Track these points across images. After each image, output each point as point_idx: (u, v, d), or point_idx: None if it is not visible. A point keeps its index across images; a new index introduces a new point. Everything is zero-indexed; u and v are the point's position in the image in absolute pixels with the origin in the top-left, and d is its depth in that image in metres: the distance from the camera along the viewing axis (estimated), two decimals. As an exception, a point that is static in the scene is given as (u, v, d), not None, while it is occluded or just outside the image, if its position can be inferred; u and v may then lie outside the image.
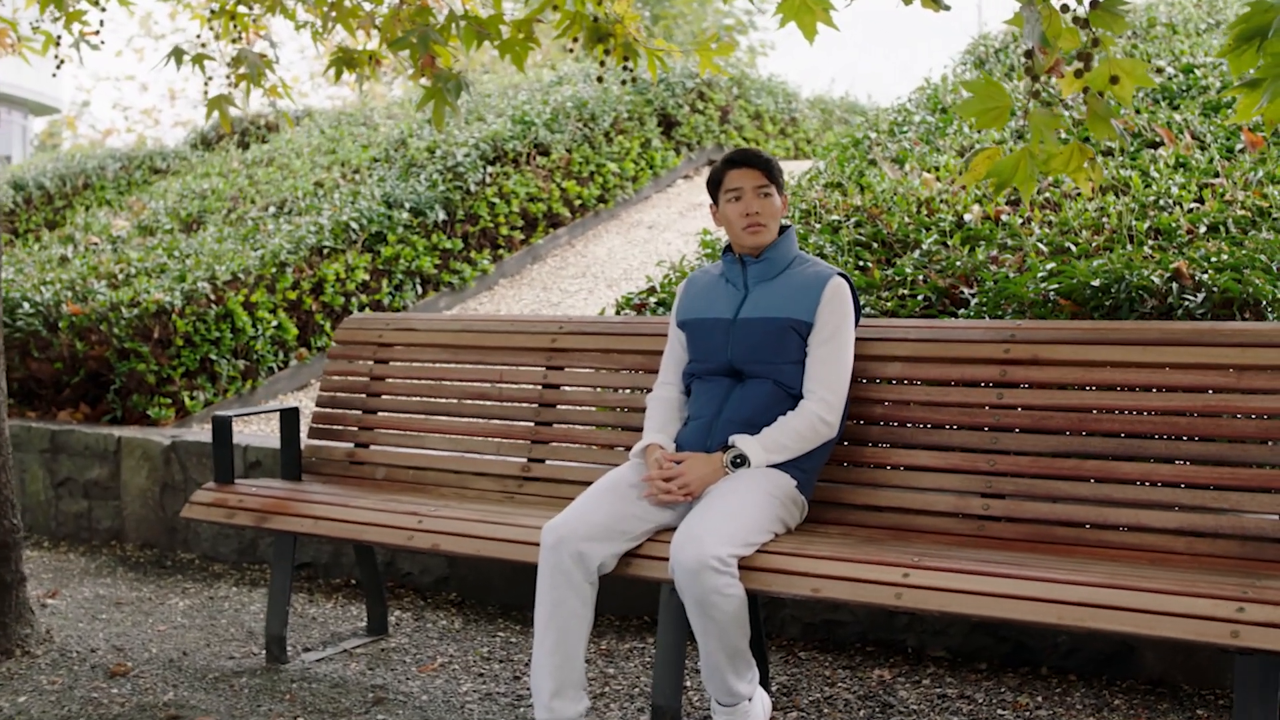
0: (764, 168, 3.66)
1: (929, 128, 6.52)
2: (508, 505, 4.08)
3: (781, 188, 3.70)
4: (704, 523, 3.27)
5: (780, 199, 3.68)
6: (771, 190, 3.65)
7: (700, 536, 3.23)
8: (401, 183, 8.58)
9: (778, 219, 3.67)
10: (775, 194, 3.66)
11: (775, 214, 3.66)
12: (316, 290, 7.69)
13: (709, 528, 3.25)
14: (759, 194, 3.63)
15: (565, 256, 9.16)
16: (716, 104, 10.61)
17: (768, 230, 3.65)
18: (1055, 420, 3.45)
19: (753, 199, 3.63)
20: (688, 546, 3.21)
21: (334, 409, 4.77)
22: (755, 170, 3.65)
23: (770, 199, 3.64)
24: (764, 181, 3.64)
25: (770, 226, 3.65)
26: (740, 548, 3.27)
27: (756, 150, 3.75)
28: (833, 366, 3.53)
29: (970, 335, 3.64)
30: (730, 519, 3.29)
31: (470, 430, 4.44)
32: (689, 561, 3.19)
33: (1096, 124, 3.75)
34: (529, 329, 4.45)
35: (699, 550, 3.19)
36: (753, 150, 3.74)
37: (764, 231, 3.64)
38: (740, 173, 3.66)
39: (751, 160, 3.69)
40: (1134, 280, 4.19)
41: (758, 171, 3.65)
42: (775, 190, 3.66)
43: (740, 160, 3.70)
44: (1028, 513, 3.42)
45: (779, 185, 3.68)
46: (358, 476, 4.61)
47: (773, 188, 3.65)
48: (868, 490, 3.65)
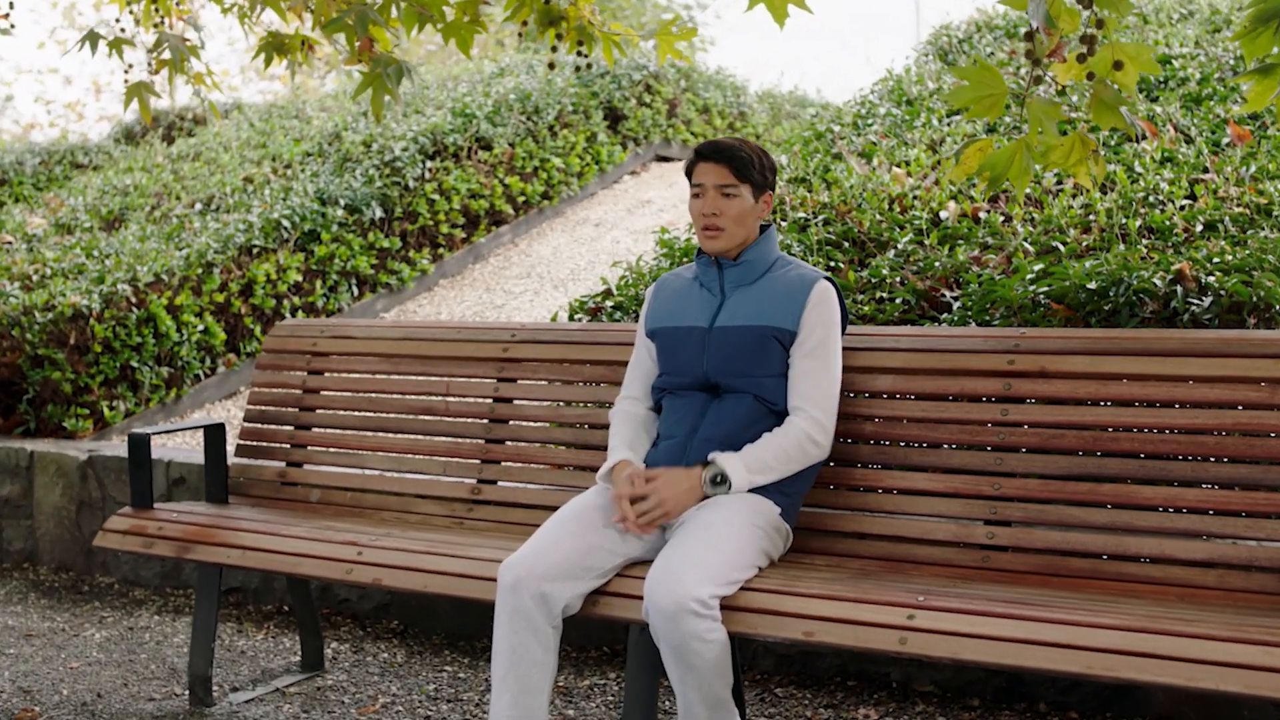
0: (731, 163, 3.25)
1: (895, 120, 6.20)
2: (456, 532, 3.71)
3: (760, 185, 3.29)
4: (682, 558, 2.91)
5: (757, 198, 3.29)
6: (738, 190, 3.25)
7: (679, 575, 2.87)
8: (336, 178, 8.15)
9: (744, 222, 3.27)
10: (744, 193, 3.25)
11: (740, 216, 3.26)
12: (246, 292, 7.25)
13: (688, 564, 2.89)
14: (721, 193, 3.25)
15: (509, 256, 8.78)
16: (664, 97, 10.26)
17: (726, 235, 3.26)
18: (1066, 439, 3.12)
19: (714, 198, 3.25)
20: (665, 586, 2.85)
21: (263, 424, 4.36)
22: (720, 166, 3.25)
23: (735, 199, 3.24)
24: (729, 180, 3.24)
25: (731, 231, 3.26)
26: (723, 587, 2.91)
27: (729, 143, 3.29)
28: (821, 379, 3.19)
29: (969, 345, 3.31)
30: (711, 554, 2.93)
31: (414, 448, 4.05)
32: (666, 604, 2.83)
33: (1102, 112, 3.45)
34: (478, 337, 4.07)
35: (678, 591, 2.84)
36: (724, 143, 3.29)
37: (720, 237, 3.26)
38: (705, 167, 3.28)
39: (718, 154, 3.26)
40: (1134, 283, 3.88)
41: (723, 168, 3.25)
42: (746, 189, 3.26)
43: (707, 153, 3.29)
44: (1037, 541, 3.09)
45: (754, 182, 3.27)
46: (290, 499, 4.20)
47: (741, 186, 3.25)
48: (857, 516, 3.31)
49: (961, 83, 3.56)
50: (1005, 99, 3.44)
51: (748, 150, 3.27)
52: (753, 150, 3.29)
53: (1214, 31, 6.60)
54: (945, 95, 3.39)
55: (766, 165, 3.31)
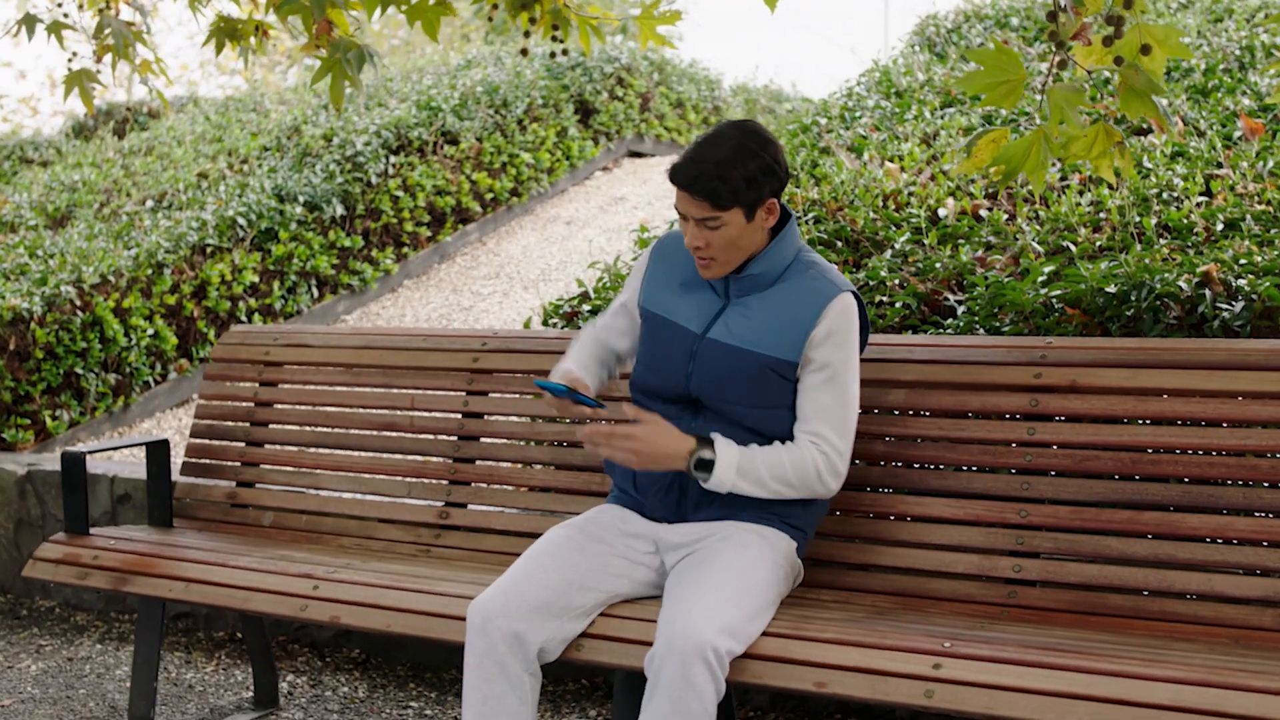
0: (708, 195, 2.72)
1: (884, 113, 5.89)
2: (422, 562, 3.38)
3: (754, 201, 2.78)
4: (703, 606, 2.57)
5: (751, 215, 2.79)
6: (722, 221, 2.76)
7: (700, 624, 2.52)
8: (295, 174, 7.78)
9: (739, 246, 2.82)
10: (733, 219, 2.76)
11: (731, 243, 2.80)
12: (199, 294, 6.88)
13: (711, 614, 2.55)
14: (704, 226, 2.79)
15: (476, 255, 8.43)
16: (637, 90, 9.92)
17: (720, 263, 2.84)
18: (1100, 461, 2.82)
19: (696, 232, 2.80)
20: (686, 636, 2.51)
21: (211, 440, 4.01)
22: (697, 200, 2.74)
23: (723, 230, 2.77)
24: (711, 214, 2.75)
25: (725, 259, 2.83)
26: (742, 642, 2.59)
27: (706, 168, 2.72)
28: (840, 413, 2.80)
29: (991, 356, 3.00)
30: (735, 605, 2.60)
31: (375, 468, 3.71)
32: (685, 648, 2.49)
33: (1131, 100, 3.16)
34: (446, 345, 3.73)
35: (699, 639, 2.50)
36: (701, 167, 2.72)
37: (713, 266, 2.84)
38: (682, 196, 2.79)
39: (692, 185, 2.74)
40: (1158, 286, 3.58)
41: (701, 202, 2.74)
42: (735, 213, 2.76)
43: (682, 182, 2.76)
44: (1070, 576, 2.78)
45: (744, 203, 2.76)
46: (240, 522, 3.86)
47: (726, 214, 2.76)
48: (867, 547, 2.99)
49: (975, 67, 3.26)
50: (1024, 86, 3.15)
51: (728, 170, 2.74)
52: (737, 163, 2.75)
53: (1215, 21, 6.33)
54: (957, 81, 3.08)
55: (759, 171, 2.77)
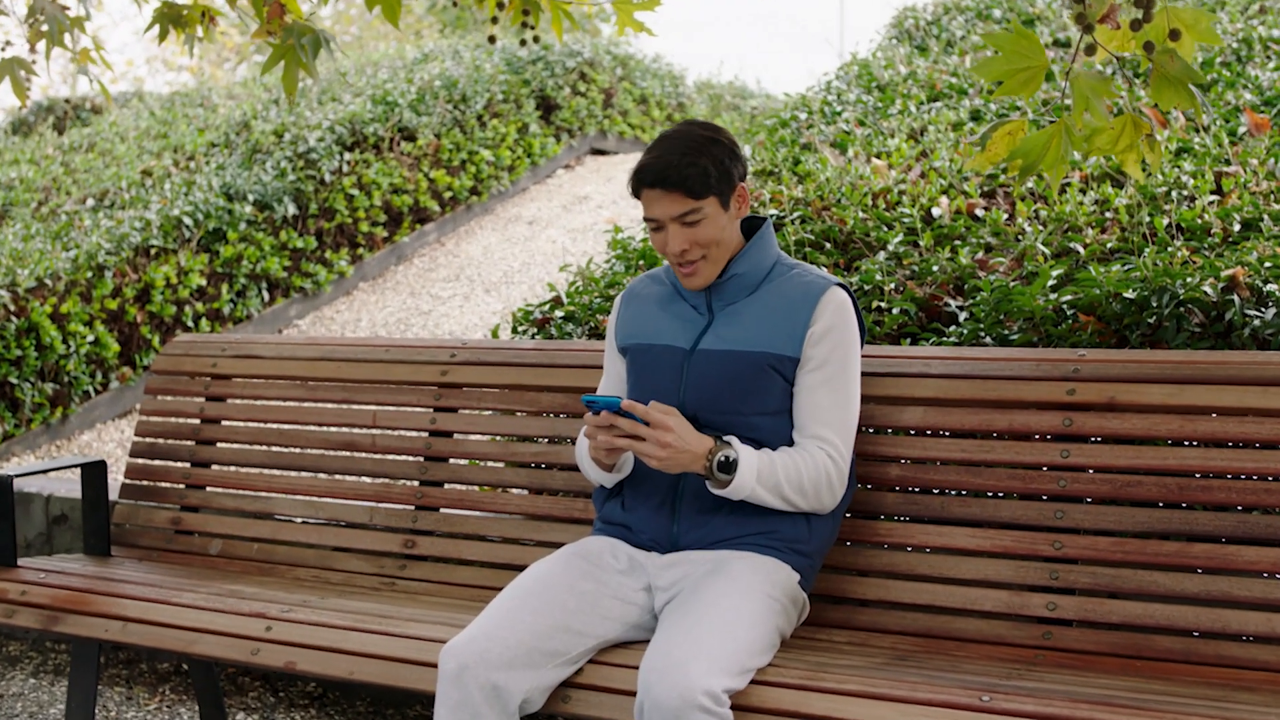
0: (683, 185, 2.52)
1: (866, 108, 5.62)
2: (386, 597, 3.06)
3: (727, 188, 2.57)
4: (687, 644, 2.30)
5: (727, 203, 2.58)
6: (702, 213, 2.54)
7: (683, 663, 2.25)
8: (244, 171, 7.43)
9: (724, 241, 2.60)
10: (711, 209, 2.55)
11: (717, 238, 2.58)
12: (142, 298, 6.53)
13: (694, 650, 2.28)
14: (683, 223, 2.55)
15: (435, 256, 8.10)
16: (600, 86, 9.62)
17: (709, 264, 2.61)
18: (1143, 488, 2.54)
19: (678, 234, 2.56)
20: (667, 679, 2.24)
21: (153, 460, 3.68)
22: (671, 194, 2.53)
23: (703, 223, 2.55)
24: (689, 207, 2.54)
25: (714, 257, 2.60)
26: (736, 677, 2.30)
27: (672, 158, 2.53)
28: (842, 415, 2.59)
29: (1019, 370, 2.72)
30: (721, 638, 2.32)
31: (334, 491, 3.39)
32: (668, 700, 2.22)
33: (1164, 89, 2.91)
34: (411, 356, 3.42)
35: (683, 683, 2.22)
36: (667, 159, 2.53)
37: (703, 268, 2.60)
38: (652, 196, 2.56)
39: (664, 181, 2.53)
40: (1181, 291, 3.32)
41: (675, 195, 2.53)
42: (711, 203, 2.55)
43: (650, 180, 2.55)
44: (1111, 615, 2.51)
45: (718, 191, 2.55)
46: (185, 551, 3.53)
47: (704, 204, 2.54)
48: (883, 582, 2.71)
49: (992, 52, 3.00)
50: (1045, 73, 2.89)
51: (695, 157, 2.53)
52: (703, 148, 2.55)
53: (1209, 13, 6.10)
54: (973, 68, 2.81)
55: (724, 156, 2.57)
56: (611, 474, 2.69)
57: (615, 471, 2.68)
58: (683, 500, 2.61)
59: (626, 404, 2.47)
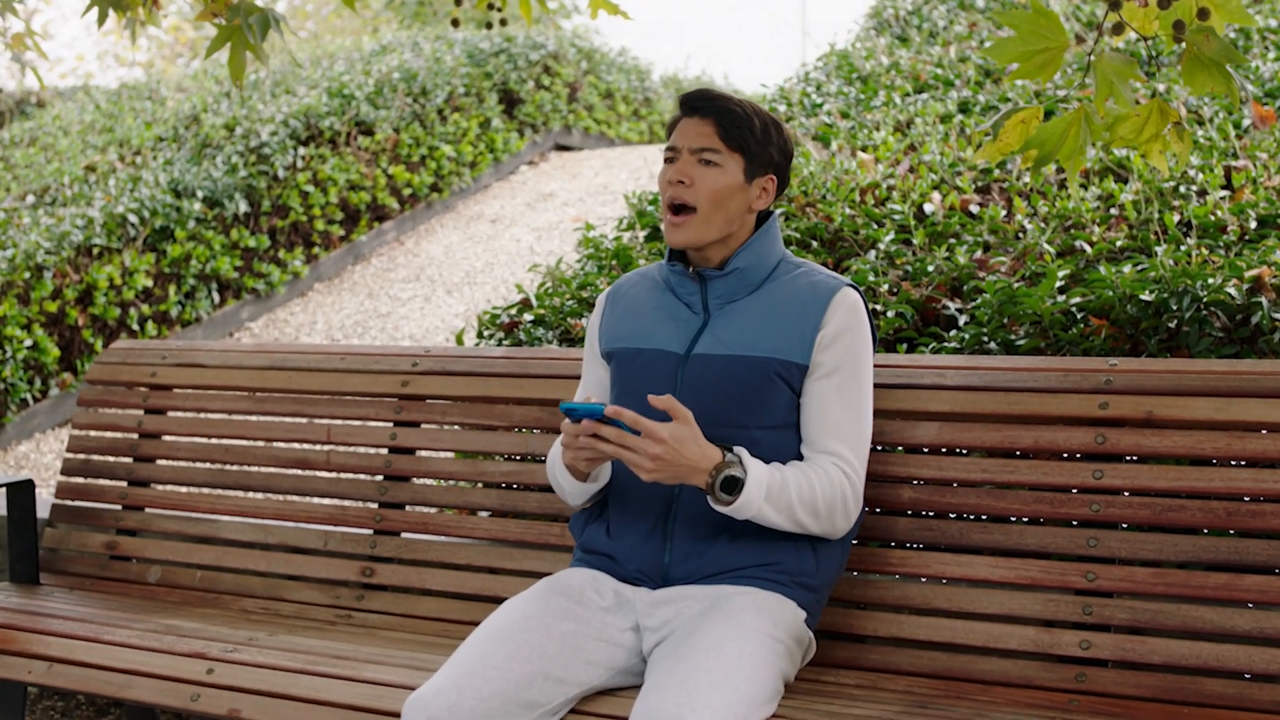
0: (718, 116, 2.36)
1: (848, 100, 5.37)
2: (342, 632, 2.78)
3: (758, 161, 2.38)
4: (681, 693, 2.03)
5: (750, 177, 2.38)
6: (721, 157, 2.35)
7: (678, 717, 1.98)
8: (193, 166, 7.10)
9: (723, 204, 2.35)
10: (730, 165, 2.35)
11: (718, 195, 2.34)
12: (84, 300, 6.19)
13: (690, 701, 2.01)
14: (698, 158, 2.35)
15: (394, 256, 7.79)
16: (565, 80, 9.32)
17: (698, 219, 2.35)
18: (1187, 512, 2.29)
19: (686, 165, 2.36)
20: None
21: (87, 478, 3.37)
22: (704, 121, 2.37)
23: (714, 169, 2.34)
24: (711, 143, 2.35)
25: (705, 213, 2.34)
26: None
27: (718, 94, 2.40)
28: (856, 429, 2.32)
29: (1044, 380, 2.46)
30: (721, 686, 2.05)
31: (285, 514, 3.10)
32: None
33: (1197, 72, 2.68)
34: (369, 365, 3.12)
35: None
36: (711, 93, 2.40)
37: (688, 223, 2.35)
38: (687, 124, 2.40)
39: (704, 104, 2.38)
40: (1203, 294, 3.08)
41: (708, 123, 2.36)
42: (735, 160, 2.36)
43: (691, 102, 2.40)
44: (1153, 655, 2.25)
45: (749, 153, 2.36)
46: (120, 579, 3.22)
47: (727, 155, 2.35)
48: (895, 617, 2.44)
49: (1007, 32, 2.76)
50: (1064, 56, 2.65)
51: (752, 115, 2.38)
52: (756, 113, 2.39)
53: None
54: (986, 50, 2.56)
55: (773, 138, 2.40)
56: (586, 484, 2.40)
57: (590, 482, 2.40)
58: (675, 526, 2.33)
59: (611, 410, 2.18)
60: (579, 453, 2.23)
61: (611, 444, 2.18)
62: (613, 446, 2.18)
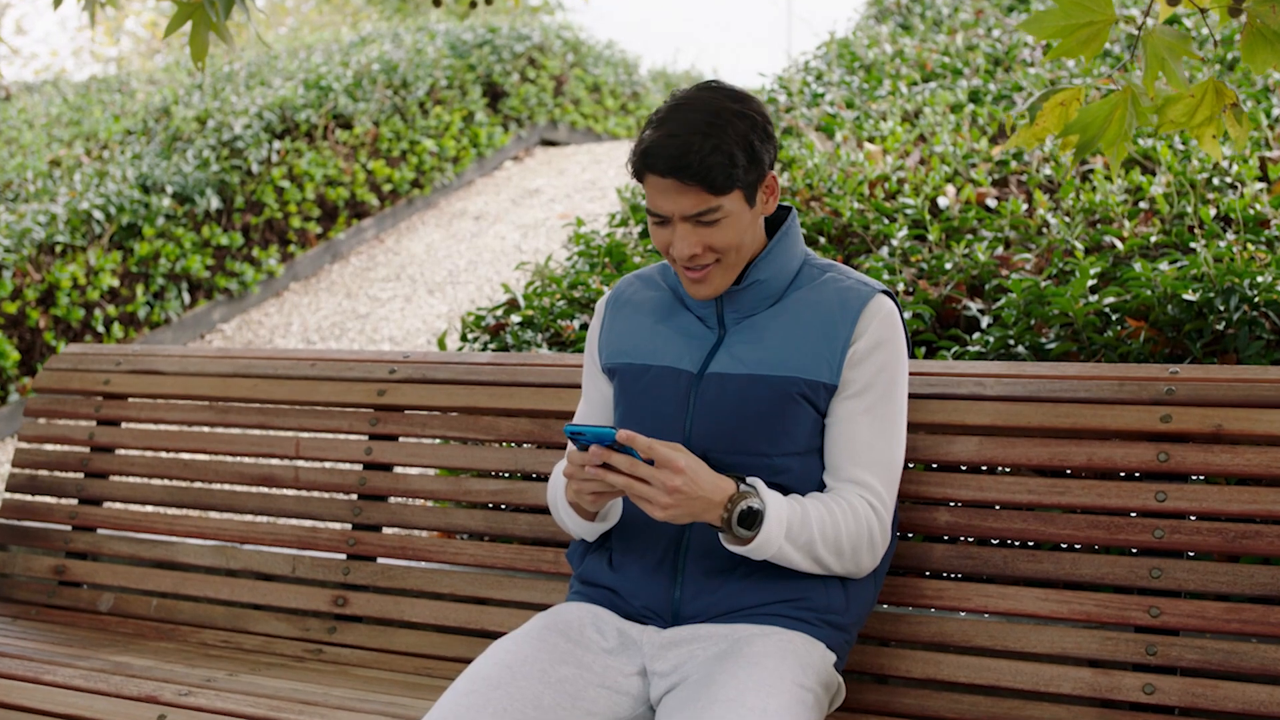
0: (706, 180, 1.96)
1: (851, 89, 5.11)
2: (313, 670, 2.50)
3: (755, 178, 2.03)
4: None
5: (753, 197, 2.04)
6: (723, 211, 2.00)
7: None
8: (163, 160, 6.82)
9: (744, 242, 2.05)
10: (734, 205, 2.00)
11: (737, 242, 2.03)
12: (46, 300, 5.92)
13: None
14: (700, 223, 2.01)
15: (373, 254, 7.51)
16: (550, 72, 9.05)
17: (722, 271, 2.06)
18: (1263, 539, 2.03)
19: (688, 235, 2.01)
20: None
21: (34, 496, 3.10)
22: (687, 187, 1.98)
23: (723, 224, 2.01)
24: (707, 205, 1.99)
25: (730, 261, 2.05)
26: None
27: (691, 140, 1.95)
28: (887, 453, 2.05)
29: (1098, 390, 2.20)
30: None
31: (250, 536, 2.83)
32: None
33: (1258, 48, 2.45)
34: (343, 372, 2.85)
35: None
36: (685, 144, 1.95)
37: (715, 274, 2.06)
38: (662, 186, 2.01)
39: (680, 170, 1.96)
40: (1253, 294, 2.82)
41: (693, 189, 1.98)
42: (734, 197, 2.00)
43: (665, 167, 1.98)
44: (1227, 700, 2.00)
45: (748, 182, 2.01)
46: (69, 607, 2.95)
47: (726, 200, 1.99)
48: (930, 656, 2.18)
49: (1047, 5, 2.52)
50: (1109, 32, 2.41)
51: (720, 139, 1.97)
52: (727, 129, 1.98)
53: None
54: (1022, 24, 2.29)
55: (756, 136, 2.02)
56: (594, 524, 2.13)
57: (599, 520, 2.13)
58: (687, 558, 2.06)
59: (623, 435, 1.90)
60: (584, 485, 1.95)
61: (623, 475, 1.90)
62: (624, 479, 1.89)
